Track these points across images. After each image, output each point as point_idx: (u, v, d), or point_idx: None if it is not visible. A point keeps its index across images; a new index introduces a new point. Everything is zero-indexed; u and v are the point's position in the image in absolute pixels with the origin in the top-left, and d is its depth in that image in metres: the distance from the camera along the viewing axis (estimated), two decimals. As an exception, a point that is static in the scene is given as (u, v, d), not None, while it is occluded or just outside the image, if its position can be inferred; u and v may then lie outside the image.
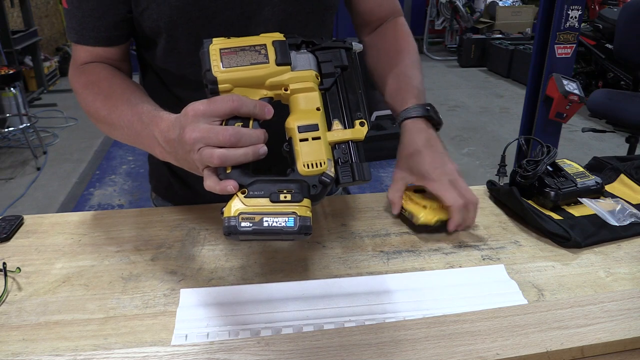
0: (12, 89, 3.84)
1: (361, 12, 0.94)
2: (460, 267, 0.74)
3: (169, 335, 0.61)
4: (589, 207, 0.86)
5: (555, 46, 2.50)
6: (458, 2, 7.23)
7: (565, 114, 2.53)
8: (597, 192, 0.89)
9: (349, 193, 1.07)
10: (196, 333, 0.61)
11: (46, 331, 0.61)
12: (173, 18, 0.74)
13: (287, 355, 0.54)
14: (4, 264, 0.71)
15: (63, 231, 0.82)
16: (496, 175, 1.15)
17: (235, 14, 0.76)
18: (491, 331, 0.58)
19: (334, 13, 0.87)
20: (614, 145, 4.04)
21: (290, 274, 0.72)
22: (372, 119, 3.82)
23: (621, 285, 0.70)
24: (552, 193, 0.86)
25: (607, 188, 0.94)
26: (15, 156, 3.88)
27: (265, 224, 0.56)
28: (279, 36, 0.65)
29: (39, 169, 3.65)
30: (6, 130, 4.00)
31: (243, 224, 0.55)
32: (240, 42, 0.63)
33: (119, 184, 3.49)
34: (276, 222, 0.56)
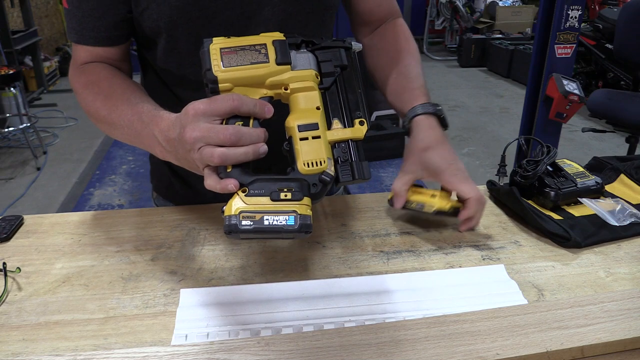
0: (12, 89, 3.84)
1: (360, 12, 0.94)
2: (460, 267, 0.74)
3: (169, 335, 0.61)
4: (589, 207, 0.86)
5: (555, 46, 2.50)
6: (458, 2, 7.23)
7: (565, 114, 2.53)
8: (597, 192, 0.89)
9: (349, 193, 1.07)
10: (196, 333, 0.61)
11: (46, 331, 0.61)
12: (173, 18, 0.74)
13: (287, 355, 0.54)
14: (4, 264, 0.71)
15: (63, 231, 0.82)
16: (496, 175, 1.15)
17: (235, 14, 0.76)
18: (491, 331, 0.58)
19: (334, 13, 0.87)
20: (614, 145, 4.04)
21: (290, 274, 0.72)
22: (372, 119, 3.82)
23: (621, 285, 0.70)
24: (552, 193, 0.86)
25: (607, 188, 0.94)
26: (15, 156, 3.88)
27: (266, 222, 0.56)
28: (279, 36, 0.65)
29: (39, 169, 3.65)
30: (6, 130, 4.00)
31: (244, 222, 0.55)
32: (240, 41, 0.63)
33: (119, 184, 3.49)
34: (277, 221, 0.56)
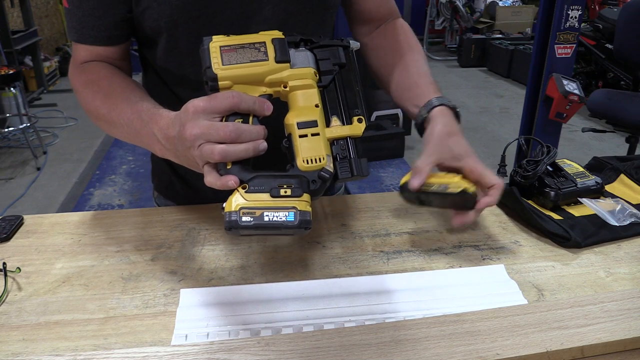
0: (12, 89, 3.84)
1: (359, 12, 0.94)
2: (460, 267, 0.74)
3: (169, 335, 0.61)
4: (589, 207, 0.86)
5: (555, 46, 2.50)
6: (458, 2, 7.22)
7: (565, 114, 2.53)
8: (597, 192, 0.89)
9: (349, 193, 1.07)
10: (196, 333, 0.61)
11: (46, 331, 0.61)
12: (173, 17, 0.74)
13: (287, 355, 0.54)
14: (4, 264, 0.71)
15: (63, 231, 0.82)
16: (496, 175, 1.15)
17: (235, 14, 0.76)
18: (491, 331, 0.58)
19: (334, 13, 0.87)
20: (614, 145, 4.04)
21: (290, 274, 0.72)
22: (372, 118, 3.82)
23: (621, 285, 0.70)
24: (552, 193, 0.86)
25: (607, 188, 0.94)
26: (15, 156, 3.87)
27: (266, 218, 0.56)
28: (278, 34, 0.65)
29: (39, 169, 3.65)
30: (6, 130, 4.00)
31: (244, 218, 0.56)
32: (240, 39, 0.63)
33: (119, 184, 3.49)
34: (277, 217, 0.56)
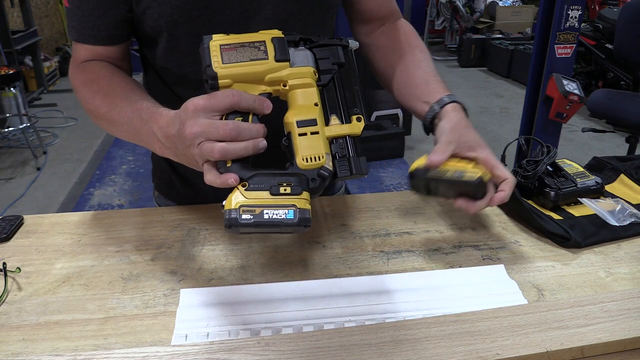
0: (12, 89, 3.84)
1: (361, 12, 0.94)
2: (460, 267, 0.74)
3: (169, 335, 0.61)
4: (589, 207, 0.86)
5: (555, 46, 2.50)
6: (458, 2, 7.23)
7: (565, 114, 2.53)
8: (597, 192, 0.89)
9: (349, 193, 1.08)
10: (196, 333, 0.61)
11: (46, 331, 0.61)
12: (174, 17, 0.74)
13: (287, 355, 0.54)
14: (4, 264, 0.71)
15: (63, 231, 0.82)
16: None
17: (235, 13, 0.76)
18: (491, 331, 0.58)
19: (334, 13, 0.87)
20: (614, 145, 4.04)
21: (290, 274, 0.72)
22: (372, 118, 3.82)
23: (621, 285, 0.70)
24: (552, 193, 0.86)
25: (607, 188, 0.94)
26: (15, 156, 3.87)
27: (266, 216, 0.56)
28: (277, 33, 0.65)
29: (39, 169, 3.65)
30: (6, 130, 4.00)
31: (244, 216, 0.56)
32: (239, 38, 0.64)
33: (119, 184, 3.49)
34: (276, 215, 0.56)
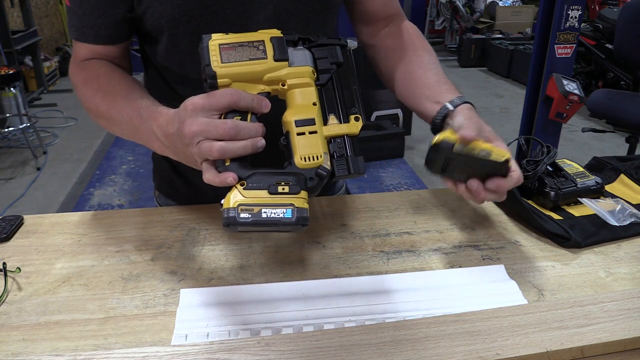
0: (12, 89, 3.84)
1: (363, 12, 0.93)
2: (460, 267, 0.74)
3: (169, 335, 0.61)
4: (589, 207, 0.86)
5: (555, 46, 2.50)
6: (458, 2, 7.23)
7: (565, 114, 2.53)
8: (597, 192, 0.89)
9: (349, 193, 1.08)
10: (196, 333, 0.61)
11: (46, 331, 0.61)
12: (175, 16, 0.74)
13: (287, 355, 0.54)
14: (4, 264, 0.71)
15: (63, 231, 0.82)
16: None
17: (236, 13, 0.76)
18: (491, 331, 0.58)
19: (336, 13, 0.87)
20: (614, 145, 4.04)
21: (290, 274, 0.72)
22: (372, 118, 3.82)
23: (621, 285, 0.70)
24: (552, 193, 0.86)
25: (607, 188, 0.94)
26: (15, 156, 3.87)
27: (264, 215, 0.56)
28: (276, 32, 0.66)
29: (39, 169, 3.64)
30: (6, 130, 3.99)
31: (242, 215, 0.56)
32: (238, 38, 0.64)
33: (119, 184, 3.49)
34: (274, 214, 0.56)
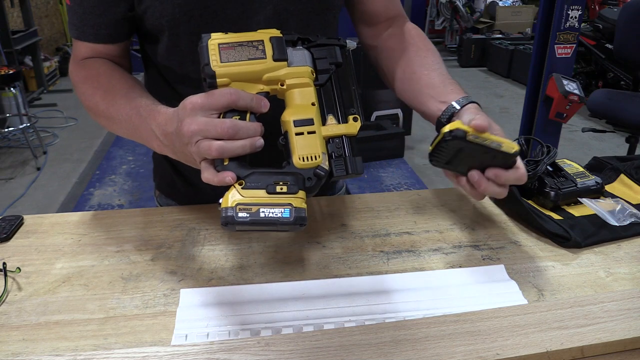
0: (12, 89, 3.84)
1: (365, 13, 0.92)
2: (460, 267, 0.74)
3: (169, 335, 0.61)
4: (589, 207, 0.86)
5: (555, 46, 2.50)
6: (458, 2, 7.23)
7: (565, 114, 2.53)
8: (597, 192, 0.89)
9: (349, 193, 1.08)
10: (196, 333, 0.61)
11: (46, 331, 0.61)
12: (175, 16, 0.74)
13: (287, 355, 0.54)
14: (4, 264, 0.71)
15: (63, 231, 0.82)
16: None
17: (236, 13, 0.76)
18: (491, 331, 0.58)
19: (337, 13, 0.87)
20: (614, 145, 4.04)
21: (290, 274, 0.72)
22: (372, 118, 3.82)
23: (621, 285, 0.70)
24: (552, 193, 0.86)
25: (607, 188, 0.94)
26: (15, 156, 3.87)
27: (262, 214, 0.56)
28: (275, 32, 0.66)
29: (39, 169, 3.65)
30: (6, 130, 4.00)
31: (240, 214, 0.56)
32: (238, 37, 0.64)
33: (119, 184, 3.49)
34: (272, 213, 0.57)
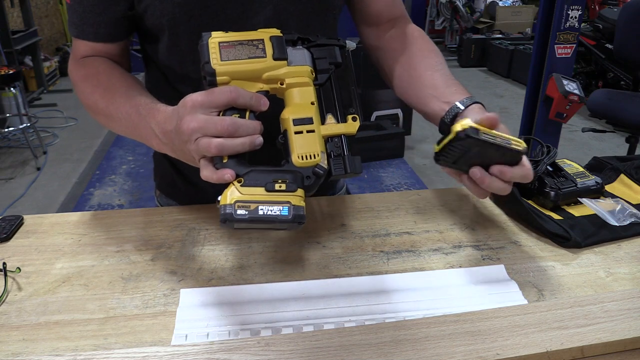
0: (12, 89, 3.84)
1: (368, 13, 0.92)
2: (460, 267, 0.74)
3: (169, 335, 0.61)
4: (589, 207, 0.86)
5: (555, 46, 2.50)
6: (458, 2, 7.23)
7: (565, 114, 2.53)
8: (597, 192, 0.89)
9: (349, 193, 1.08)
10: (196, 333, 0.61)
11: (46, 331, 0.61)
12: (175, 15, 0.74)
13: (287, 355, 0.54)
14: (4, 264, 0.71)
15: (63, 231, 0.82)
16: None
17: (236, 13, 0.76)
18: (491, 331, 0.58)
19: (337, 14, 0.87)
20: (614, 145, 4.04)
21: (290, 274, 0.72)
22: (372, 118, 3.82)
23: (621, 285, 0.70)
24: (552, 193, 0.86)
25: (607, 188, 0.94)
26: (15, 156, 3.87)
27: (261, 212, 0.57)
28: (276, 32, 0.66)
29: (39, 169, 3.65)
30: (6, 130, 4.00)
31: (239, 211, 0.56)
32: (238, 36, 0.64)
33: (119, 184, 3.49)
34: (271, 211, 0.57)
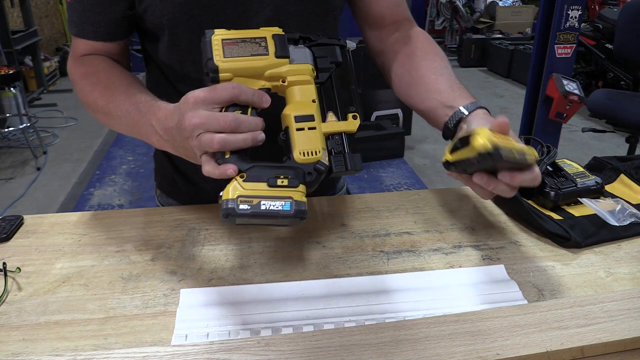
0: (12, 89, 3.84)
1: (370, 15, 0.91)
2: (460, 267, 0.74)
3: (169, 335, 0.61)
4: (589, 207, 0.86)
5: (555, 46, 2.50)
6: (458, 2, 7.23)
7: (565, 114, 2.53)
8: (597, 192, 0.89)
9: (349, 193, 1.08)
10: (196, 333, 0.61)
11: (46, 331, 0.61)
12: (175, 15, 0.74)
13: (287, 355, 0.54)
14: (4, 264, 0.71)
15: (63, 231, 0.82)
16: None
17: (236, 13, 0.76)
18: (491, 331, 0.58)
19: (337, 15, 0.87)
20: (614, 145, 4.04)
21: (290, 274, 0.72)
22: (372, 118, 3.82)
23: (621, 285, 0.70)
24: (552, 193, 0.86)
25: (607, 188, 0.94)
26: (15, 156, 3.87)
27: (263, 207, 0.57)
28: (278, 30, 0.67)
29: (39, 169, 3.65)
30: (6, 130, 4.00)
31: (241, 206, 0.56)
32: (241, 34, 0.65)
33: (119, 184, 3.49)
34: (273, 206, 0.57)
